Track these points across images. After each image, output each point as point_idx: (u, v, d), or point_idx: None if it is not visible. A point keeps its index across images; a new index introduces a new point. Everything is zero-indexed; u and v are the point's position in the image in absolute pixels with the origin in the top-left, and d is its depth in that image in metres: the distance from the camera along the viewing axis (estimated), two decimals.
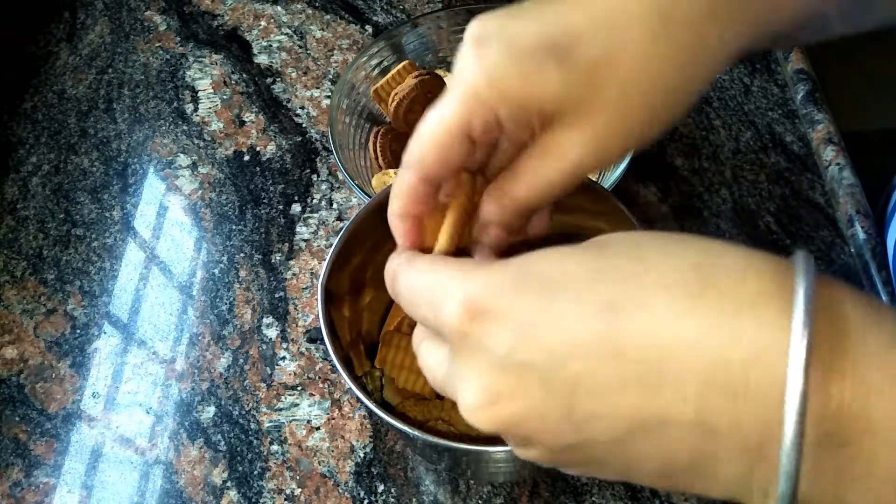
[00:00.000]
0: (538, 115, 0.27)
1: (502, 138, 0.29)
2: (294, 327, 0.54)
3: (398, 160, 0.56)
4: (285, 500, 0.47)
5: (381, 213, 0.42)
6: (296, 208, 0.60)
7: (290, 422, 0.50)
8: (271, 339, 0.53)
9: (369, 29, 0.71)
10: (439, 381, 0.27)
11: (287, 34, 0.72)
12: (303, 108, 0.66)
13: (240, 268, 0.57)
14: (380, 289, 0.48)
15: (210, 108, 0.67)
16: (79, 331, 0.55)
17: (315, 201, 0.60)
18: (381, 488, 0.47)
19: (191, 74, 0.69)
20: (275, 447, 0.49)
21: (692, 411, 0.21)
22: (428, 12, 0.59)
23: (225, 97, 0.68)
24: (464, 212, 0.30)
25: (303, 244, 0.58)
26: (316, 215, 0.59)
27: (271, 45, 0.71)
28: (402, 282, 0.27)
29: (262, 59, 0.70)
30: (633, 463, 0.23)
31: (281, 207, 0.60)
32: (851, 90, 1.13)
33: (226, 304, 0.55)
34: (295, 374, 0.52)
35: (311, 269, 0.57)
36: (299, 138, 0.64)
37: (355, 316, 0.45)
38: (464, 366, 0.24)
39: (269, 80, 0.69)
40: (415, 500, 0.46)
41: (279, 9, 0.74)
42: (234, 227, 0.59)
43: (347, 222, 0.41)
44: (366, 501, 0.46)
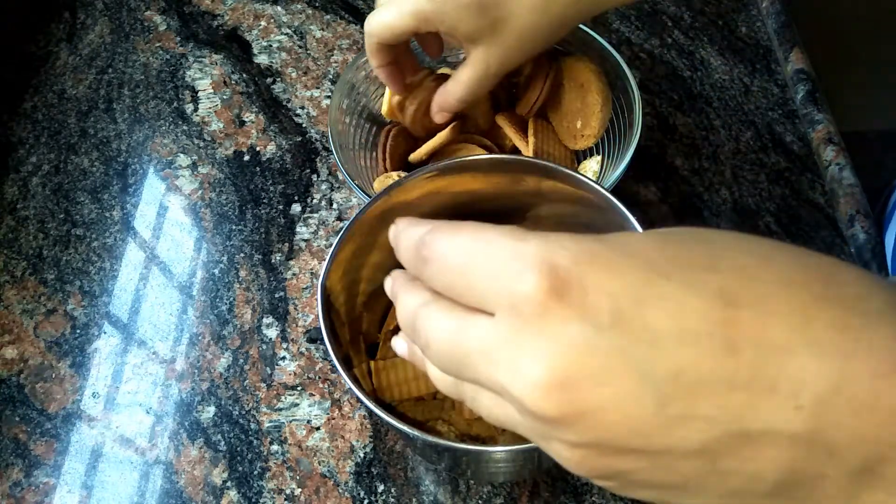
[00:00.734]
0: (464, 37, 0.44)
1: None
2: (294, 327, 0.54)
3: (403, 162, 0.55)
4: (285, 500, 0.47)
5: (382, 214, 0.42)
6: (296, 208, 0.60)
7: (290, 422, 0.50)
8: (271, 339, 0.53)
9: None
10: (457, 360, 0.22)
11: (287, 34, 0.72)
12: (303, 108, 0.66)
13: (240, 268, 0.57)
14: (380, 288, 0.48)
15: (210, 108, 0.67)
16: (79, 331, 0.55)
17: (315, 201, 0.60)
18: (381, 488, 0.47)
19: (191, 74, 0.69)
20: (275, 447, 0.49)
21: (804, 421, 0.19)
22: None
23: (225, 97, 0.68)
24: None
25: (303, 244, 0.58)
26: (316, 215, 0.59)
27: (271, 45, 0.71)
28: (444, 244, 0.23)
29: (262, 59, 0.70)
30: (715, 480, 0.20)
31: (281, 207, 0.60)
32: (851, 90, 1.13)
33: (226, 304, 0.55)
34: (295, 374, 0.52)
35: (311, 269, 0.57)
36: (299, 138, 0.64)
37: (355, 316, 0.45)
38: (533, 340, 0.20)
39: (269, 80, 0.69)
40: (415, 500, 0.46)
41: (279, 9, 0.74)
42: (234, 227, 0.59)
43: (347, 222, 0.41)
44: (366, 501, 0.46)
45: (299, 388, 0.51)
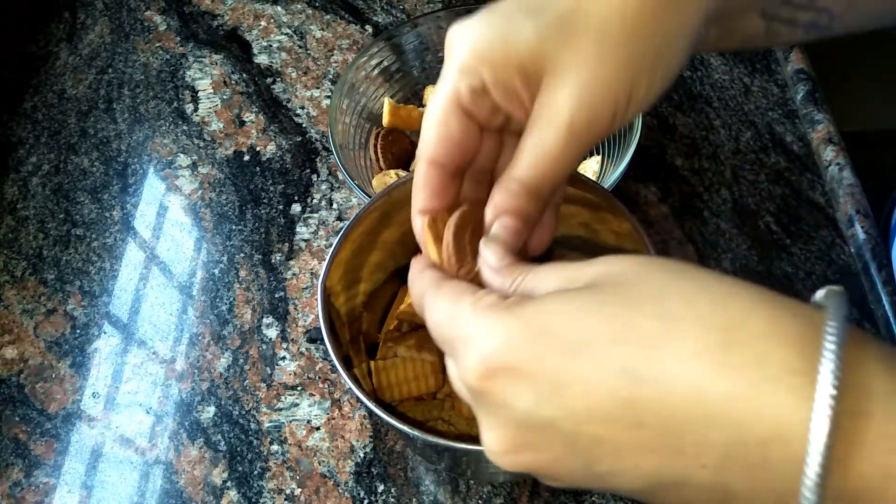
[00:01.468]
0: (519, 73, 0.27)
1: (506, 132, 0.30)
2: (294, 327, 0.54)
3: (399, 161, 0.56)
4: (285, 500, 0.47)
5: (382, 213, 0.42)
6: (296, 208, 0.60)
7: (290, 422, 0.50)
8: (271, 339, 0.53)
9: (369, 29, 0.71)
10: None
11: (287, 34, 0.72)
12: (303, 108, 0.66)
13: (240, 268, 0.57)
14: (380, 288, 0.48)
15: (210, 108, 0.67)
16: (79, 331, 0.55)
17: (315, 201, 0.60)
18: (381, 488, 0.47)
19: (191, 74, 0.69)
20: (275, 447, 0.49)
21: (711, 476, 0.21)
22: (428, 12, 0.59)
23: (225, 97, 0.68)
24: (463, 220, 0.30)
25: (303, 244, 0.58)
26: (316, 215, 0.59)
27: (271, 45, 0.71)
28: (428, 311, 0.27)
29: (262, 59, 0.70)
30: (656, 499, 0.24)
31: (281, 207, 0.60)
32: (851, 90, 1.13)
33: (226, 304, 0.55)
34: (295, 374, 0.52)
35: (311, 269, 0.57)
36: (299, 138, 0.64)
37: (355, 316, 0.45)
38: (484, 416, 0.25)
39: (269, 80, 0.69)
40: (415, 500, 0.46)
41: (279, 9, 0.74)
42: (234, 227, 0.59)
43: (348, 222, 0.41)
44: (366, 501, 0.46)
45: (299, 388, 0.51)
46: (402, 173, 0.54)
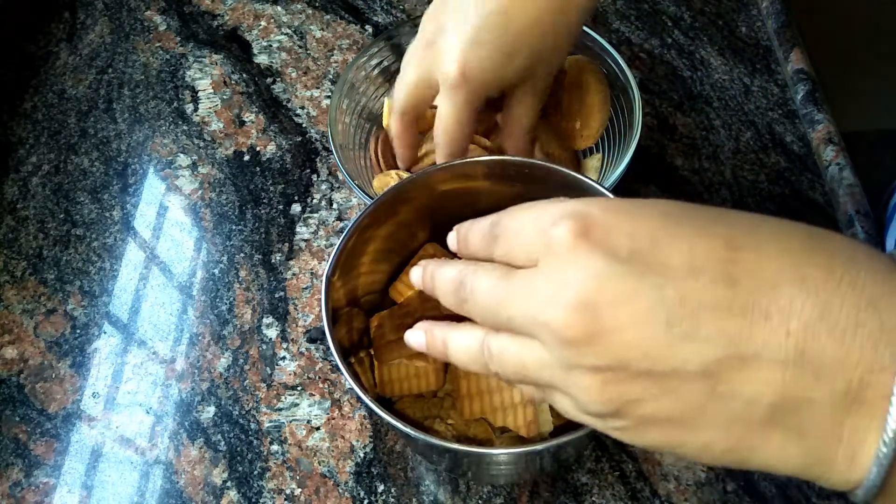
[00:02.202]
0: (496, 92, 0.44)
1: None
2: (294, 327, 0.54)
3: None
4: (285, 500, 0.47)
5: (385, 213, 0.42)
6: (296, 208, 0.60)
7: (290, 422, 0.50)
8: (271, 339, 0.53)
9: (369, 29, 0.71)
10: (497, 300, 0.27)
11: (287, 34, 0.72)
12: (303, 108, 0.66)
13: (240, 268, 0.57)
14: (382, 286, 0.48)
15: (210, 108, 0.67)
16: (79, 331, 0.55)
17: (315, 201, 0.60)
18: (381, 488, 0.47)
19: (191, 74, 0.69)
20: (275, 447, 0.49)
21: (794, 345, 0.21)
22: None
23: (225, 97, 0.68)
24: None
25: (303, 244, 0.58)
26: (316, 215, 0.59)
27: (271, 45, 0.71)
28: (507, 219, 0.28)
29: (262, 59, 0.70)
30: (715, 406, 0.22)
31: (281, 207, 0.60)
32: (851, 90, 1.13)
33: (226, 304, 0.55)
34: (295, 374, 0.52)
35: (311, 269, 0.57)
36: (299, 138, 0.64)
37: (356, 314, 0.45)
38: (563, 272, 0.24)
39: (269, 80, 0.69)
40: (415, 500, 0.46)
41: (279, 9, 0.74)
42: (234, 227, 0.59)
43: (350, 221, 0.41)
44: (366, 501, 0.46)
45: (299, 388, 0.51)
46: (404, 174, 0.54)
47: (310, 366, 0.52)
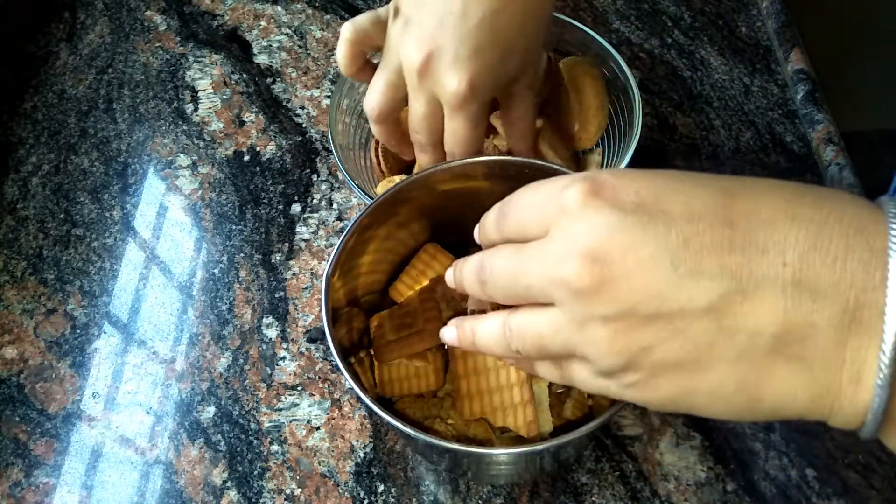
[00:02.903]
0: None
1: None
2: (294, 327, 0.54)
3: (400, 164, 0.55)
4: (285, 500, 0.47)
5: (386, 210, 0.42)
6: (296, 208, 0.60)
7: (290, 422, 0.50)
8: (271, 339, 0.53)
9: None
10: (514, 272, 0.28)
11: (287, 34, 0.72)
12: (303, 108, 0.66)
13: (240, 268, 0.57)
14: (382, 286, 0.48)
15: (210, 108, 0.67)
16: (79, 331, 0.55)
17: (315, 201, 0.60)
18: (381, 488, 0.47)
19: (191, 74, 0.69)
20: (275, 447, 0.49)
21: (790, 275, 0.23)
22: None
23: (225, 97, 0.68)
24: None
25: (303, 244, 0.58)
26: (316, 215, 0.59)
27: (271, 45, 0.71)
28: (510, 199, 0.30)
29: (262, 59, 0.70)
30: (723, 341, 0.24)
31: (281, 207, 0.60)
32: (851, 90, 1.13)
33: (226, 304, 0.55)
34: (295, 374, 0.52)
35: (311, 269, 0.57)
36: (299, 138, 0.64)
37: (356, 313, 0.45)
38: (574, 228, 0.26)
39: (269, 80, 0.69)
40: (415, 500, 0.46)
41: (279, 9, 0.74)
42: (234, 227, 0.59)
43: (350, 221, 0.41)
44: (366, 501, 0.47)
45: (299, 388, 0.51)
46: (405, 178, 0.54)
47: (310, 366, 0.52)
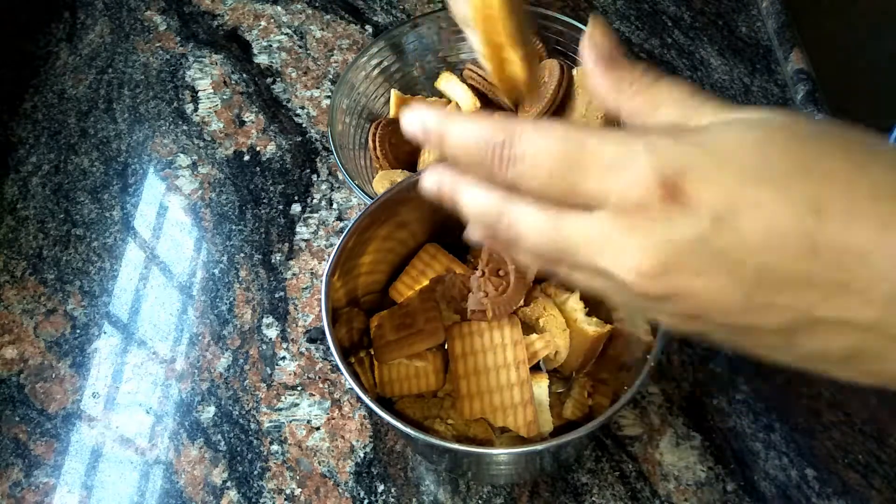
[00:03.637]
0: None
1: None
2: (294, 327, 0.54)
3: (396, 153, 0.55)
4: (285, 500, 0.47)
5: (386, 210, 0.42)
6: (296, 208, 0.60)
7: (290, 422, 0.50)
8: (271, 339, 0.53)
9: (369, 29, 0.71)
10: (558, 246, 0.25)
11: (287, 34, 0.72)
12: (303, 108, 0.66)
13: (240, 268, 0.57)
14: (381, 285, 0.48)
15: (210, 108, 0.67)
16: (79, 331, 0.55)
17: (315, 201, 0.60)
18: (381, 488, 0.47)
19: (191, 74, 0.69)
20: (275, 447, 0.49)
21: (874, 315, 0.21)
22: (428, 12, 0.59)
23: (225, 97, 0.68)
24: None
25: (303, 244, 0.58)
26: (316, 215, 0.59)
27: (271, 45, 0.71)
28: (539, 144, 0.24)
29: (262, 59, 0.70)
30: (788, 349, 0.24)
31: (281, 207, 0.60)
32: (851, 90, 1.13)
33: (226, 304, 0.55)
34: (295, 374, 0.52)
35: (311, 269, 0.57)
36: (299, 138, 0.64)
37: (356, 313, 0.45)
38: (641, 234, 0.23)
39: (269, 80, 0.69)
40: (415, 500, 0.46)
41: (279, 9, 0.74)
42: (234, 227, 0.59)
43: (351, 221, 0.41)
44: (366, 501, 0.46)
45: (299, 388, 0.51)
46: (406, 173, 0.54)
47: (310, 366, 0.52)
